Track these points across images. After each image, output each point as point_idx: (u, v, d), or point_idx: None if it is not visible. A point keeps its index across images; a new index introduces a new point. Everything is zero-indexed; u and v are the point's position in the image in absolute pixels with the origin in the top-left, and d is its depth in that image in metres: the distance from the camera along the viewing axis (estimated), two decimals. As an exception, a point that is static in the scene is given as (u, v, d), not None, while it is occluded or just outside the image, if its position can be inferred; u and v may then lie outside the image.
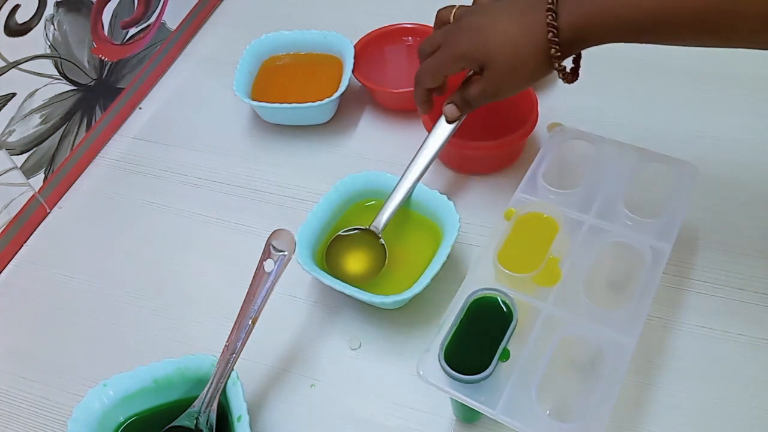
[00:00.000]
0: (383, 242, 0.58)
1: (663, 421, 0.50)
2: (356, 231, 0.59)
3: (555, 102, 0.72)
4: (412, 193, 0.59)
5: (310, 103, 0.69)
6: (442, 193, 0.59)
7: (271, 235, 0.51)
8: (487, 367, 0.45)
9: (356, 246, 0.59)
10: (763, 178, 0.63)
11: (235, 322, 0.50)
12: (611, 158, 0.57)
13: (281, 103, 0.70)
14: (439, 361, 0.46)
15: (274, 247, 0.51)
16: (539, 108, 0.65)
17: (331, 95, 0.69)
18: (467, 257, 0.61)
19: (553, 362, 0.46)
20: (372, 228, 0.58)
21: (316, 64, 0.77)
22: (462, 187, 0.66)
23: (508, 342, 0.46)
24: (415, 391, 0.53)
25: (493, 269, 0.51)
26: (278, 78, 0.76)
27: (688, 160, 0.56)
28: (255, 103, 0.71)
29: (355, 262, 0.59)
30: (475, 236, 0.62)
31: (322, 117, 0.73)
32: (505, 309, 0.48)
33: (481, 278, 0.50)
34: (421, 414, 0.52)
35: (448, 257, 0.55)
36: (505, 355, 0.46)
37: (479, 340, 0.47)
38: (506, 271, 0.50)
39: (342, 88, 0.70)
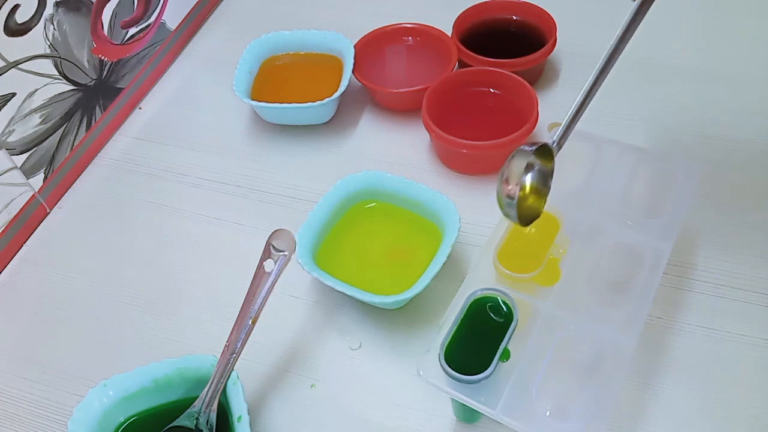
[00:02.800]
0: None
1: (663, 421, 0.50)
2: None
3: (555, 102, 0.72)
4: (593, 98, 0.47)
5: (310, 103, 0.69)
6: (442, 193, 0.59)
7: (271, 235, 0.51)
8: (487, 367, 0.45)
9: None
10: (763, 178, 0.63)
11: (236, 322, 0.50)
12: (611, 158, 0.57)
13: (281, 103, 0.70)
14: (440, 361, 0.46)
15: (274, 247, 0.51)
16: (539, 108, 0.65)
17: (331, 95, 0.69)
18: (467, 257, 0.61)
19: (553, 362, 0.46)
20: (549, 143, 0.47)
21: (316, 64, 0.77)
22: (462, 187, 0.66)
23: (508, 342, 0.46)
24: (415, 391, 0.53)
25: (493, 269, 0.51)
26: (278, 78, 0.76)
27: (689, 160, 0.56)
28: (255, 103, 0.70)
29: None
30: (475, 236, 0.62)
31: (322, 117, 0.73)
32: (505, 309, 0.48)
33: (481, 278, 0.50)
34: (421, 414, 0.52)
35: (448, 257, 0.55)
36: (506, 355, 0.46)
37: (479, 340, 0.47)
38: (507, 271, 0.50)
39: (342, 88, 0.70)
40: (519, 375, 0.45)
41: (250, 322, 0.49)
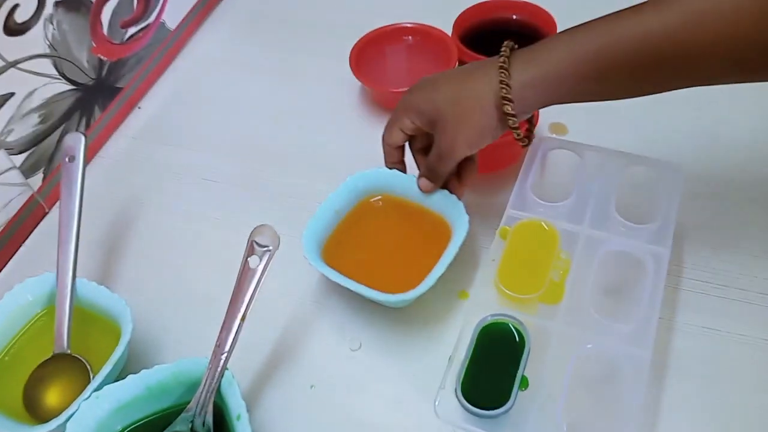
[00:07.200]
0: (79, 357, 0.54)
1: (663, 421, 0.50)
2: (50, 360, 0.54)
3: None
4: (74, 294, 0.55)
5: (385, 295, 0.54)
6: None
7: (252, 231, 0.51)
8: (504, 395, 0.44)
9: (56, 376, 0.54)
10: (761, 177, 0.63)
11: (224, 322, 0.49)
12: (596, 165, 0.57)
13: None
14: (457, 397, 0.45)
15: (257, 243, 0.50)
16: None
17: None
18: (466, 257, 0.60)
19: (572, 384, 0.45)
20: (62, 352, 0.53)
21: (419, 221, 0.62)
22: (462, 187, 0.66)
23: (524, 369, 0.45)
24: (415, 391, 0.53)
25: (495, 291, 0.51)
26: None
27: (688, 159, 0.56)
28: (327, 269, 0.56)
29: (58, 393, 0.53)
30: (475, 236, 0.61)
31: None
32: (516, 333, 0.48)
33: (484, 301, 0.50)
34: (421, 414, 0.52)
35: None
36: (524, 383, 0.45)
37: (492, 368, 0.46)
38: (510, 292, 0.50)
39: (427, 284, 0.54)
40: (541, 403, 0.44)
41: (238, 321, 0.49)
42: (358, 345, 0.56)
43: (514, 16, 0.76)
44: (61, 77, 0.68)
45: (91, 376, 0.53)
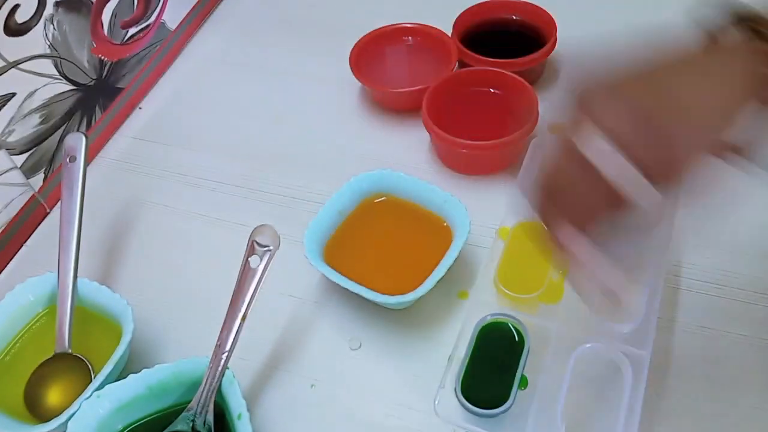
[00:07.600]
0: (81, 357, 0.54)
1: (662, 421, 0.50)
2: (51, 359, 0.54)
3: (555, 102, 0.72)
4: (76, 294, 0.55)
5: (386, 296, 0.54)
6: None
7: (253, 231, 0.51)
8: (504, 395, 0.44)
9: (57, 375, 0.54)
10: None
11: (225, 321, 0.50)
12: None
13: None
14: (457, 396, 0.45)
15: (258, 243, 0.51)
16: (539, 108, 0.65)
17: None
18: (466, 257, 0.61)
19: (572, 384, 0.45)
20: (63, 351, 0.54)
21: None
22: (461, 187, 0.66)
23: (524, 369, 0.46)
24: (415, 391, 0.53)
25: (495, 291, 0.51)
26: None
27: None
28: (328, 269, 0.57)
29: (59, 392, 0.53)
30: (474, 236, 0.61)
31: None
32: (515, 333, 0.48)
33: (484, 301, 0.50)
34: (421, 414, 0.52)
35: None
36: (524, 383, 0.45)
37: (492, 367, 0.47)
38: (509, 292, 0.50)
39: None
40: (540, 402, 0.45)
41: (239, 320, 0.49)
42: (358, 345, 0.57)
43: (514, 17, 0.76)
44: (61, 77, 0.69)
45: (93, 376, 0.53)
